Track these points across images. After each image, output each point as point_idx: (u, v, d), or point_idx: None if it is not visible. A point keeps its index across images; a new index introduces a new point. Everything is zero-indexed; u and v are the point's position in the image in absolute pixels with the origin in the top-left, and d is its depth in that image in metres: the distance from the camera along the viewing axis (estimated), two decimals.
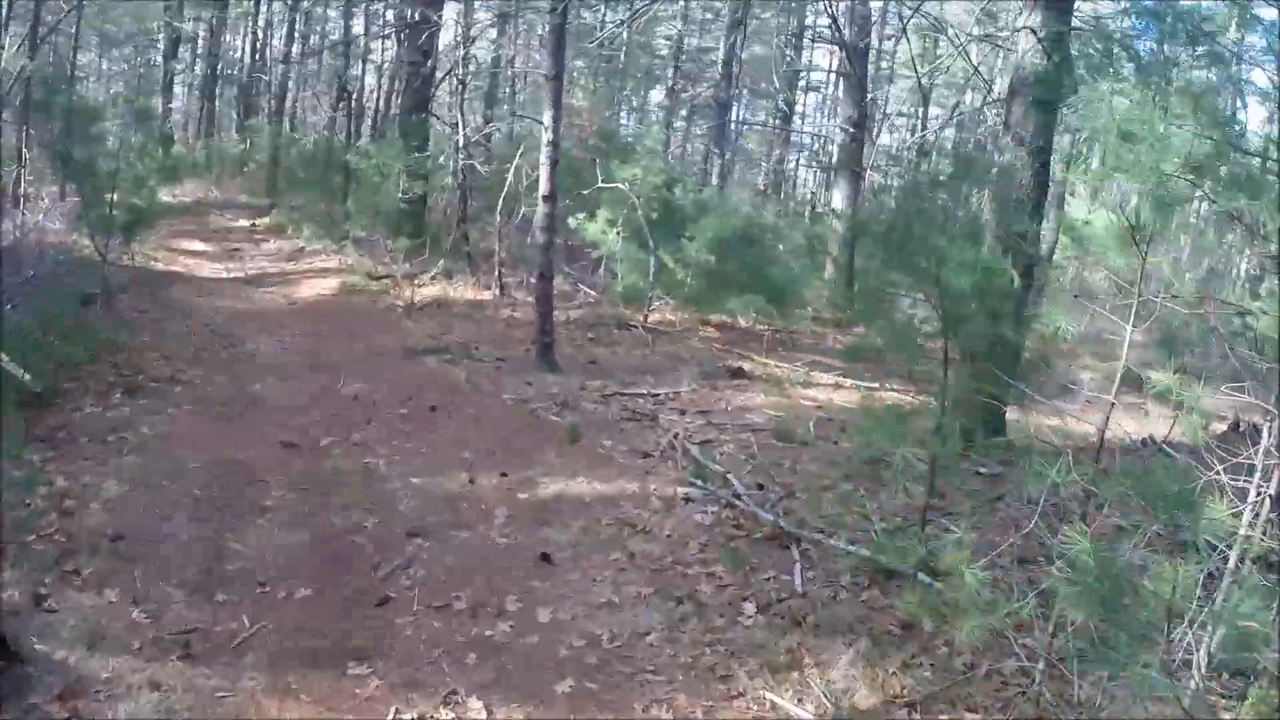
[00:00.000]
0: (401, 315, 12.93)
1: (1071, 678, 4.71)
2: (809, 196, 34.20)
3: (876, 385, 11.63)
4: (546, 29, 12.09)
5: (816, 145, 36.45)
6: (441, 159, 16.42)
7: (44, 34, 22.22)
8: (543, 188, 10.46)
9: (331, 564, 6.40)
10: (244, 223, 21.18)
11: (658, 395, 10.27)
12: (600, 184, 14.17)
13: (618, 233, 14.14)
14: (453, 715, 4.88)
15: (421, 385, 9.86)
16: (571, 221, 14.13)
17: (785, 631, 5.61)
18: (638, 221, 13.86)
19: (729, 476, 7.76)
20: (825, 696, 5.08)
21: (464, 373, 10.28)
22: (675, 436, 8.75)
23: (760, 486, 7.72)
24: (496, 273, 14.42)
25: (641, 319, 13.41)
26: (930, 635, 5.47)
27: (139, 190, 12.15)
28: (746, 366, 11.95)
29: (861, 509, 7.29)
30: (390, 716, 4.83)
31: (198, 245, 18.13)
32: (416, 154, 15.71)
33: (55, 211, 14.41)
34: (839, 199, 18.07)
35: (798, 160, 36.64)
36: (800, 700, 5.06)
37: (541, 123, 10.44)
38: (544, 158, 10.43)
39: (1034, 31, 8.90)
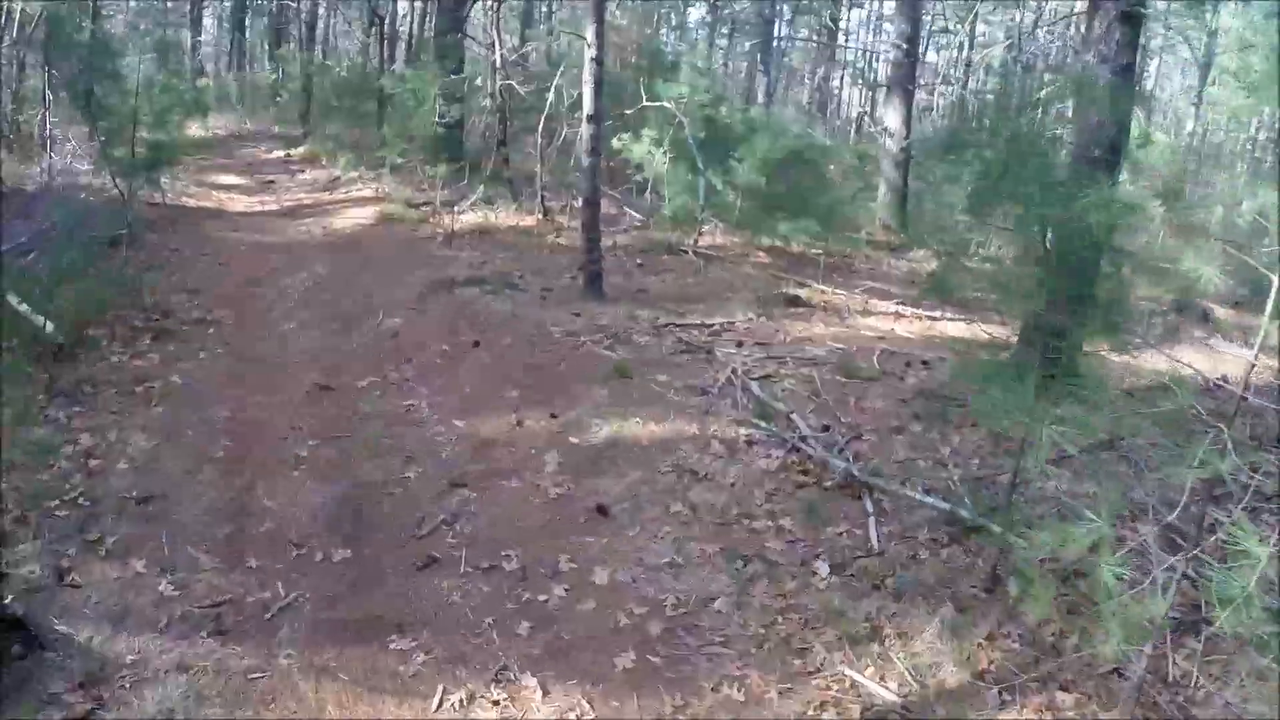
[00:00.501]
0: (441, 244, 12.32)
1: (1167, 652, 4.15)
2: (856, 115, 33.08)
3: (937, 315, 11.05)
4: None
5: (862, 63, 35.26)
6: (478, 81, 15.64)
7: None
8: (586, 107, 9.73)
9: (370, 521, 5.91)
10: (278, 154, 20.61)
11: (712, 326, 9.64)
12: (644, 103, 13.40)
13: (664, 153, 13.41)
14: (504, 695, 4.40)
15: (463, 319, 9.30)
16: (615, 143, 13.41)
17: (863, 595, 5.07)
18: (684, 142, 13.12)
19: (793, 416, 7.16)
20: (910, 674, 4.54)
21: (508, 304, 9.69)
22: (733, 372, 8.13)
23: (826, 428, 7.12)
24: (539, 197, 13.76)
25: (691, 243, 12.72)
26: (1016, 599, 4.88)
27: (162, 126, 11.52)
28: (803, 294, 11.28)
29: (936, 454, 6.69)
30: (437, 698, 4.35)
31: (232, 179, 17.59)
32: (452, 76, 14.96)
33: (83, 153, 13.90)
34: (891, 117, 17.13)
35: (843, 78, 35.45)
36: (883, 677, 4.52)
37: (584, 38, 9.68)
38: (587, 75, 9.68)
39: None
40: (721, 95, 14.90)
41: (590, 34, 9.59)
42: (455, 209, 13.37)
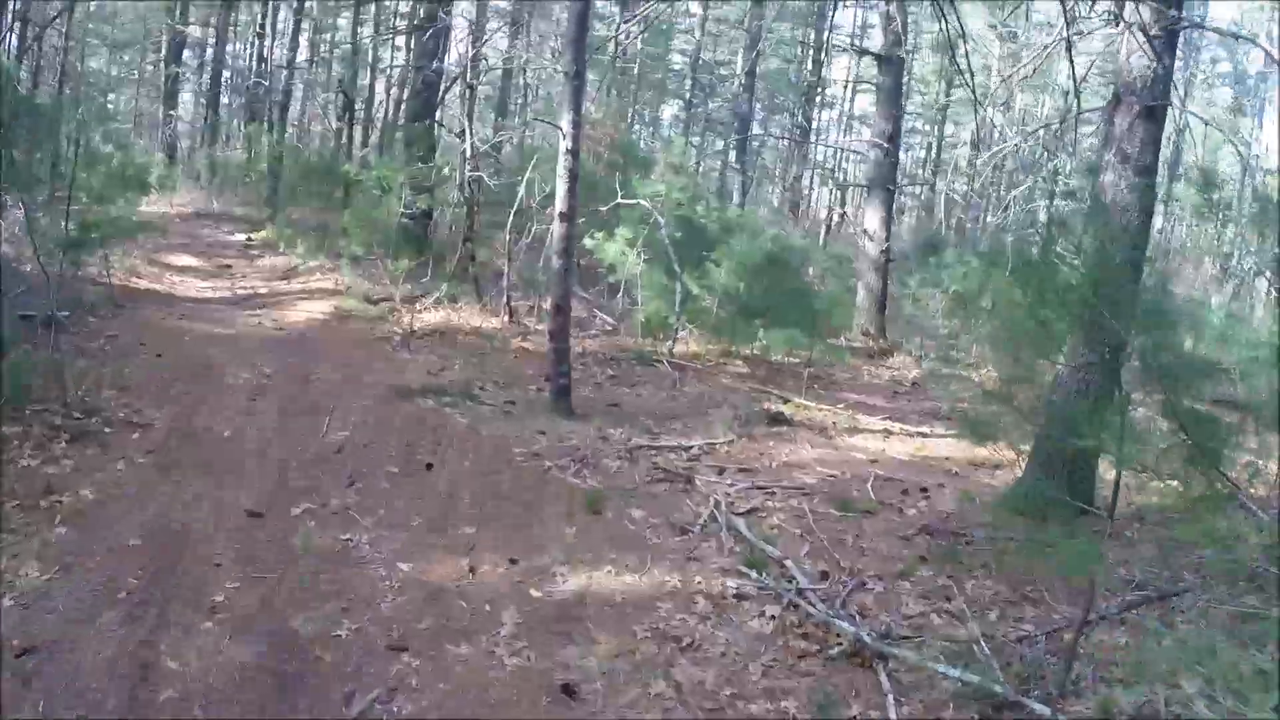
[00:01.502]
0: (399, 345, 11.40)
1: None
2: (826, 215, 32.72)
3: (927, 431, 10.36)
4: (565, 17, 10.49)
5: (832, 162, 35.06)
6: (447, 170, 14.84)
7: (35, 34, 20.85)
8: (559, 204, 8.92)
9: (292, 692, 4.86)
10: (240, 237, 19.66)
11: (690, 448, 8.74)
12: (619, 200, 12.66)
13: (639, 254, 12.62)
14: None
15: (417, 434, 8.34)
16: (588, 241, 12.62)
17: None
18: (661, 243, 12.37)
19: (787, 563, 6.26)
20: None
21: (467, 418, 8.76)
22: (716, 505, 7.21)
23: (825, 575, 6.21)
24: (505, 297, 12.89)
25: (666, 352, 11.87)
26: None
27: (105, 201, 10.59)
28: (786, 410, 10.44)
29: (950, 605, 5.79)
30: None
31: (187, 260, 16.63)
32: (421, 165, 14.18)
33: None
34: (870, 219, 16.54)
35: (813, 178, 35.22)
36: None
37: (559, 128, 8.89)
38: (561, 169, 8.89)
39: (1141, 28, 7.36)
40: (699, 194, 14.16)
41: (565, 123, 8.81)
42: (417, 306, 12.48)
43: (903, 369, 14.47)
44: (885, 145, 16.41)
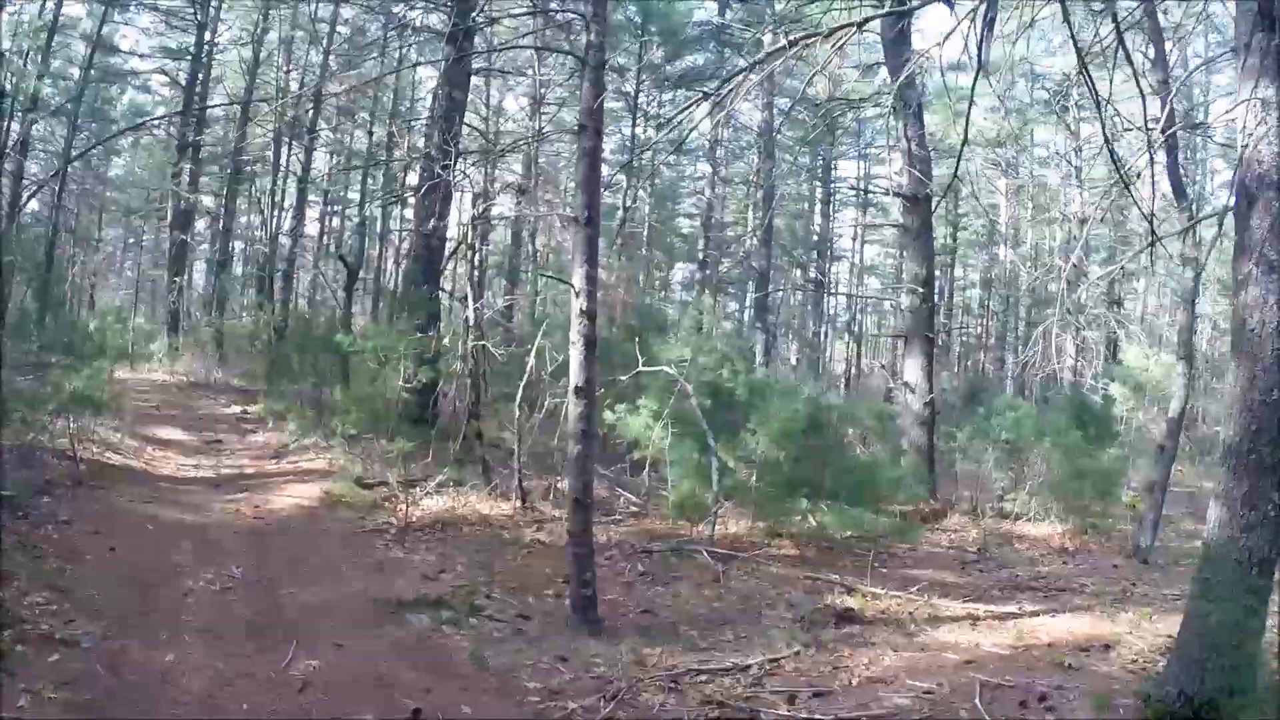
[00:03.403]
0: (393, 540, 9.57)
1: None
2: (844, 368, 31.25)
3: (1016, 609, 8.67)
4: (573, 185, 8.89)
5: (847, 315, 33.76)
6: (449, 340, 13.25)
7: (30, 194, 19.84)
8: (574, 376, 7.23)
9: None
10: (235, 409, 18.02)
11: (749, 667, 6.84)
12: (641, 368, 11.01)
13: (665, 426, 10.91)
14: None
15: (406, 664, 6.46)
16: (609, 415, 10.97)
17: None
18: (690, 413, 10.68)
19: None
20: None
21: (469, 642, 6.88)
22: None
23: None
24: (516, 479, 11.10)
25: (706, 539, 10.02)
26: None
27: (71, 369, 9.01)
28: (854, 603, 8.56)
29: None
30: None
31: (174, 433, 14.92)
32: (422, 334, 12.61)
33: None
34: (911, 371, 14.89)
35: (827, 332, 33.83)
36: None
37: (570, 285, 7.25)
38: (575, 334, 7.23)
39: (1264, 104, 5.73)
40: (726, 355, 12.51)
41: (578, 278, 7.19)
42: (417, 490, 10.70)
43: (962, 531, 12.62)
44: (920, 290, 14.88)
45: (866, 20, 7.89)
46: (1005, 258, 28.35)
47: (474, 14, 13.81)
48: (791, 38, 5.35)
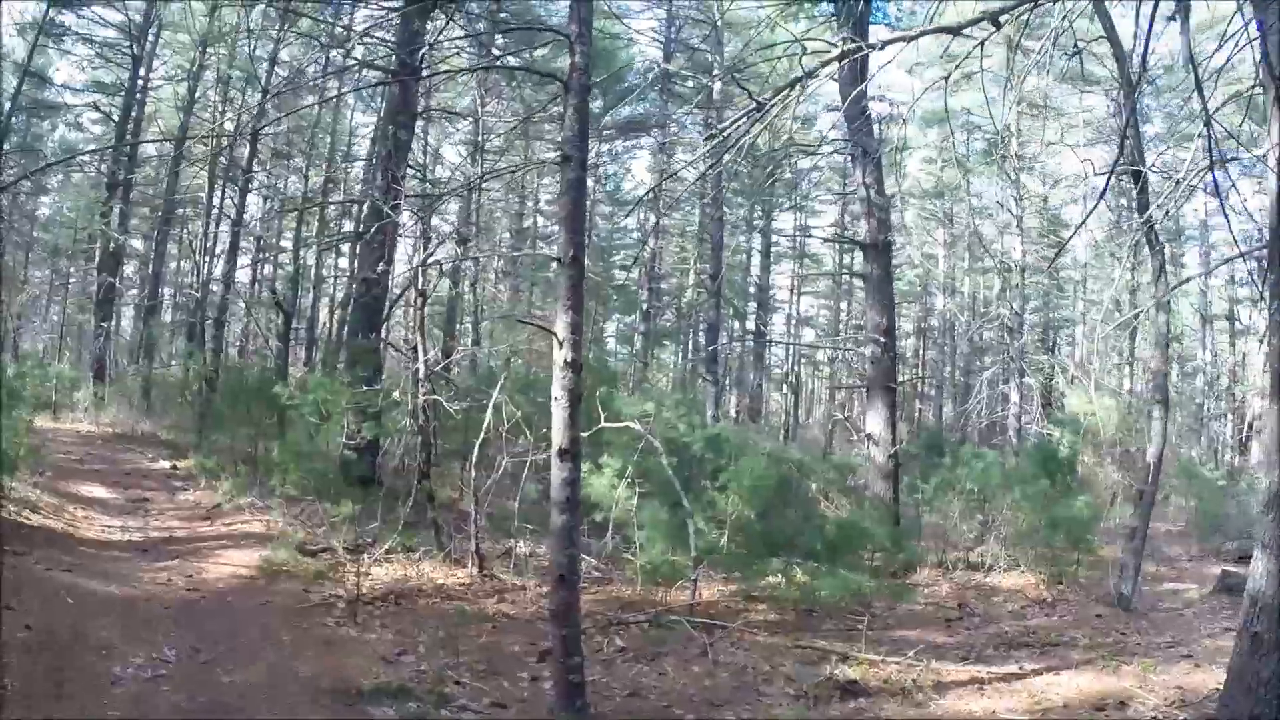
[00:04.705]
0: (344, 615, 8.51)
1: None
2: (784, 419, 30.70)
3: (1016, 669, 8.10)
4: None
5: (785, 366, 33.31)
6: (396, 394, 12.21)
7: None
8: (558, 436, 6.34)
9: None
10: (164, 464, 16.62)
11: None
12: (603, 424, 10.13)
13: (630, 485, 10.06)
14: None
15: None
16: None
17: None
18: (654, 470, 9.87)
19: None
20: None
21: None
22: None
23: None
24: (474, 545, 10.10)
25: (684, 606, 9.15)
26: None
27: None
28: (854, 673, 7.75)
29: None
30: None
31: (99, 491, 13.55)
32: (366, 387, 11.62)
33: None
34: (874, 422, 14.26)
35: (763, 384, 33.24)
36: None
37: (553, 334, 6.39)
38: (558, 388, 6.35)
39: None
40: (691, 408, 11.71)
41: (561, 326, 6.33)
42: (364, 559, 9.66)
43: (934, 586, 11.94)
44: (882, 340, 14.30)
45: (843, 56, 7.35)
46: (944, 306, 28.16)
47: (420, 52, 12.96)
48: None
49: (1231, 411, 28.16)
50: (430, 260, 12.41)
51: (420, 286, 11.88)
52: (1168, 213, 11.22)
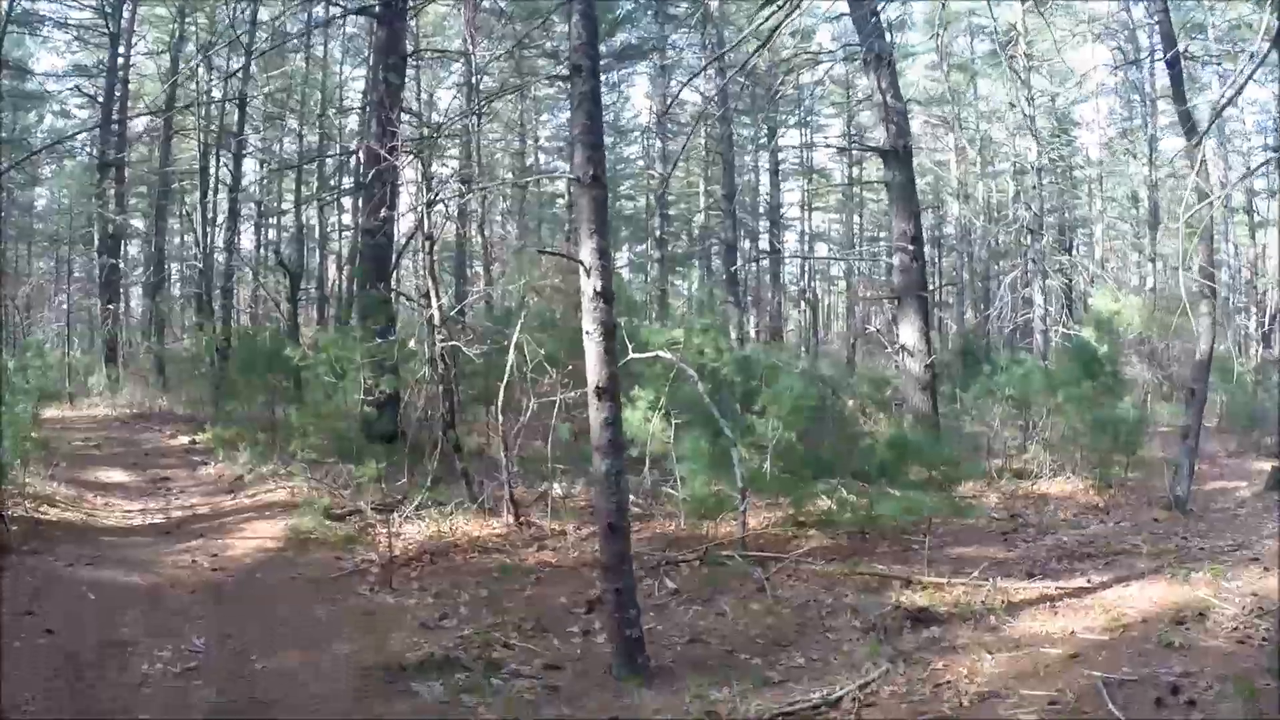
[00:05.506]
0: (378, 582, 7.97)
1: None
2: (801, 336, 30.03)
3: (1085, 582, 7.61)
4: (570, 103, 6.90)
5: (801, 283, 32.60)
6: (412, 344, 11.60)
7: None
8: (593, 374, 5.72)
9: None
10: (183, 439, 16.14)
11: (839, 700, 5.48)
12: (631, 355, 9.51)
13: (667, 417, 9.48)
14: None
15: None
16: None
17: None
18: (690, 400, 9.29)
19: None
20: None
21: (497, 714, 5.38)
22: None
23: None
24: (508, 493, 9.54)
25: (733, 540, 8.59)
26: None
27: None
28: (922, 600, 7.22)
29: None
30: None
31: (118, 474, 13.08)
32: (381, 340, 11.00)
33: None
34: (907, 333, 13.60)
35: (780, 300, 32.55)
36: None
37: (580, 262, 5.73)
38: (590, 321, 5.71)
39: None
40: (721, 332, 11.09)
41: (588, 253, 5.67)
42: (395, 517, 9.11)
43: (981, 497, 11.39)
44: (910, 248, 13.59)
45: None
46: (959, 213, 27.28)
47: None
48: None
49: (1254, 304, 27.39)
50: (435, 199, 11.67)
51: (427, 229, 11.21)
52: (1230, 100, 10.47)
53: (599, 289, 5.58)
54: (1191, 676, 5.50)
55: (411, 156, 13.63)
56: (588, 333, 5.69)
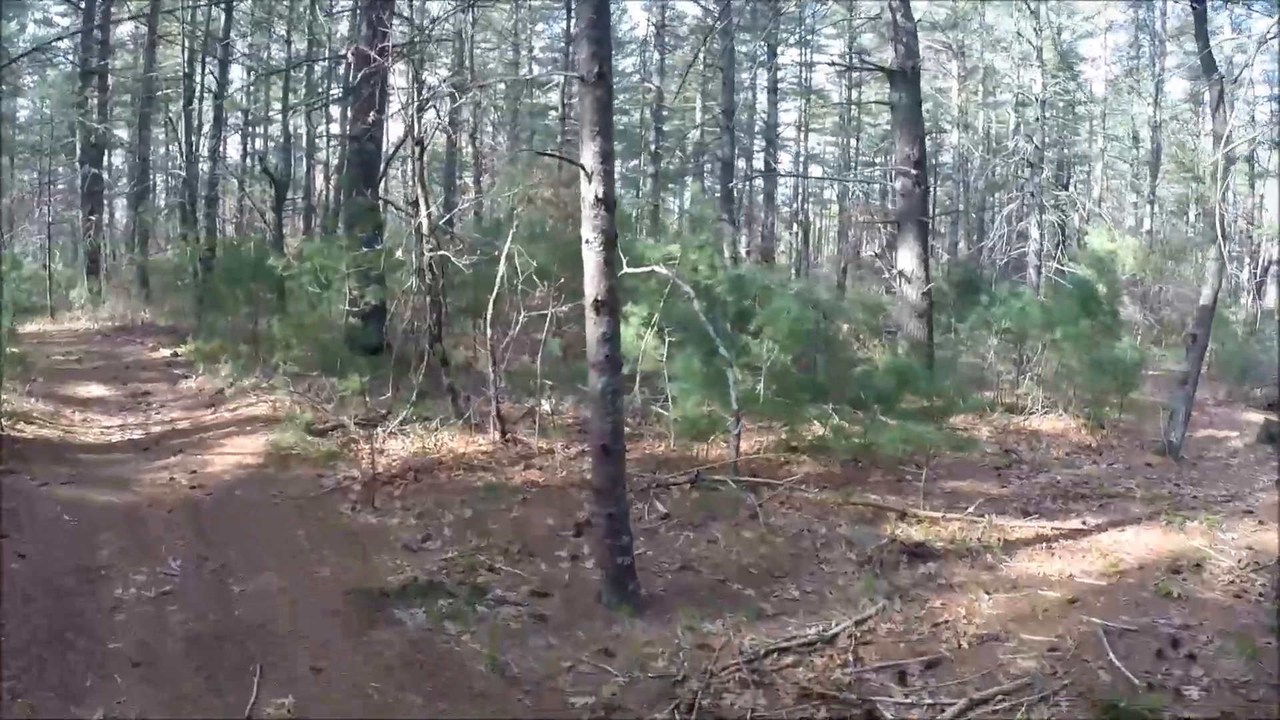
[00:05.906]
0: (360, 500, 7.70)
1: None
2: (793, 259, 29.53)
3: (1080, 524, 7.51)
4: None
5: (794, 205, 31.99)
6: (400, 253, 11.17)
7: None
8: (590, 286, 5.37)
9: None
10: (164, 352, 15.73)
11: (834, 637, 5.26)
12: (625, 269, 9.13)
13: (660, 335, 9.16)
14: None
15: (405, 689, 4.72)
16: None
17: None
18: (683, 318, 8.96)
19: None
20: None
21: (481, 642, 5.14)
22: None
23: None
24: (494, 409, 9.23)
25: (725, 464, 8.33)
26: None
27: None
28: (918, 534, 6.99)
29: None
30: None
31: (98, 389, 12.70)
32: (367, 249, 10.58)
33: None
34: (906, 259, 13.22)
35: (772, 223, 32.00)
36: None
37: (580, 166, 5.33)
38: (589, 229, 5.34)
39: None
40: (716, 250, 10.70)
41: (590, 156, 5.28)
42: (379, 432, 8.81)
43: (972, 430, 11.10)
44: (913, 172, 13.13)
45: None
46: (958, 141, 26.67)
47: None
48: None
49: (1249, 255, 27.02)
50: (426, 102, 11.13)
51: (417, 135, 10.70)
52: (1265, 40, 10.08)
53: (600, 195, 5.20)
54: (1191, 629, 5.48)
55: (402, 59, 13.03)
56: (587, 241, 5.32)
